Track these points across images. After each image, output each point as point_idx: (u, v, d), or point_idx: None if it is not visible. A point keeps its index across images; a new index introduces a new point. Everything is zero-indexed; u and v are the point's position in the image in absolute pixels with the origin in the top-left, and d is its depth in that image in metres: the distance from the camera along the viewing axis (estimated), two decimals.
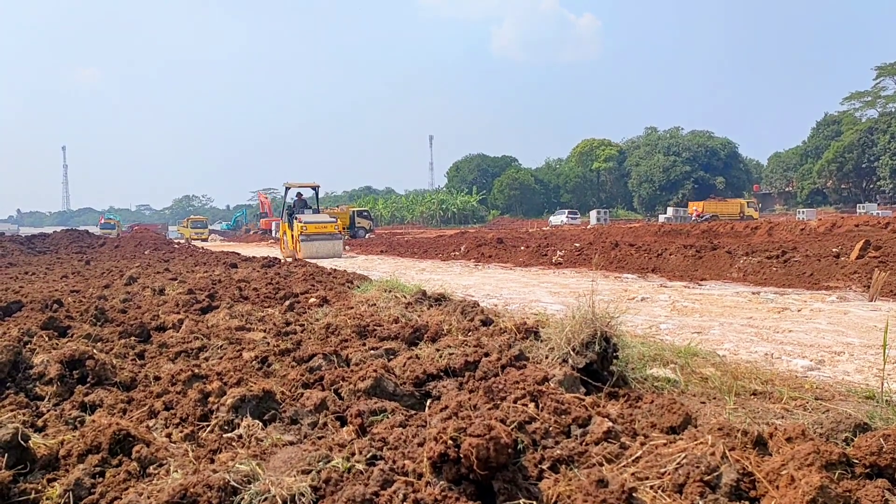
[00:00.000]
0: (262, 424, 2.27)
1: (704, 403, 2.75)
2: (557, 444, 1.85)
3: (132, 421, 2.36)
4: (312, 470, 1.75)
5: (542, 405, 2.07)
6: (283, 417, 2.34)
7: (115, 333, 4.12)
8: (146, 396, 2.74)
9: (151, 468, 1.93)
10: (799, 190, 68.51)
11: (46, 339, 3.80)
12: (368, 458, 1.82)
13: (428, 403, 2.42)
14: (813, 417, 2.32)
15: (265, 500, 1.62)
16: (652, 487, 1.60)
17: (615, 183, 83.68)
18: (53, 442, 2.14)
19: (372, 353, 3.25)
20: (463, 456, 1.61)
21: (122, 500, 1.74)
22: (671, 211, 56.28)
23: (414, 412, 2.35)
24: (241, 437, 2.18)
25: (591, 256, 12.00)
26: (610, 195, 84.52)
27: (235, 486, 1.68)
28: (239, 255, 15.22)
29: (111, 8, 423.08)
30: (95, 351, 3.17)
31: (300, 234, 17.00)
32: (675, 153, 74.19)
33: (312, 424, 2.29)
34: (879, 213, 43.29)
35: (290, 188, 19.18)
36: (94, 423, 2.19)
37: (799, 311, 5.83)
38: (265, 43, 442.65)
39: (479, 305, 4.86)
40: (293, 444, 2.08)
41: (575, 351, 2.80)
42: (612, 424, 1.92)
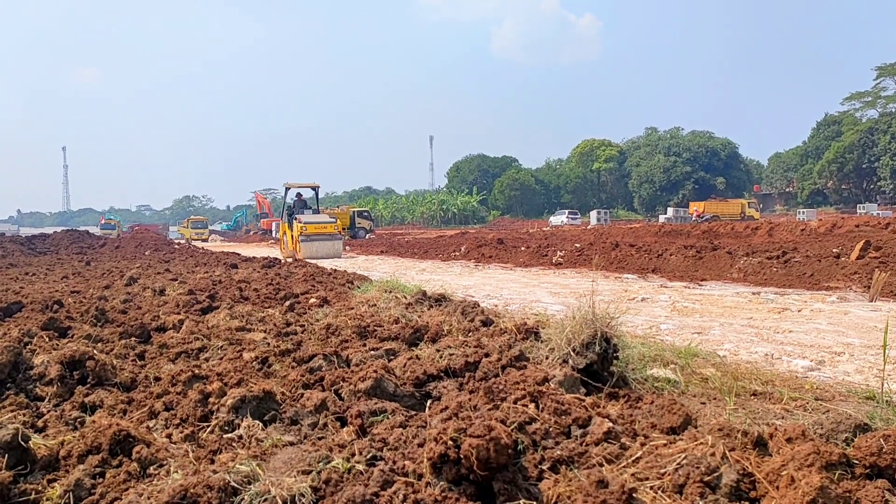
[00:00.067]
0: (262, 425, 2.27)
1: (705, 404, 2.75)
2: (558, 444, 1.85)
3: (132, 421, 2.36)
4: (313, 470, 1.75)
5: (542, 406, 2.07)
6: (283, 418, 2.34)
7: (115, 334, 4.12)
8: (146, 397, 2.74)
9: (152, 469, 1.94)
10: (799, 190, 68.50)
11: (47, 339, 3.80)
12: (368, 458, 1.82)
13: (428, 404, 2.42)
14: (813, 418, 2.32)
15: (265, 500, 1.62)
16: (652, 488, 1.60)
17: (615, 183, 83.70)
18: (54, 442, 2.14)
19: (372, 353, 3.25)
20: (463, 456, 1.61)
21: (122, 500, 1.74)
22: (671, 211, 56.29)
23: (414, 413, 2.35)
24: (241, 437, 2.19)
25: (591, 257, 12.00)
26: (610, 195, 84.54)
27: (236, 486, 1.68)
28: (239, 255, 15.23)
29: (111, 8, 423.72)
30: (96, 351, 3.17)
31: (300, 234, 17.01)
32: (675, 153, 74.23)
33: (313, 425, 2.29)
34: (880, 213, 43.29)
35: (289, 188, 19.20)
36: (94, 423, 2.19)
37: (799, 311, 5.83)
38: (265, 43, 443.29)
39: (479, 306, 4.86)
40: (293, 444, 2.08)
41: (575, 351, 2.80)
42: (612, 425, 1.92)
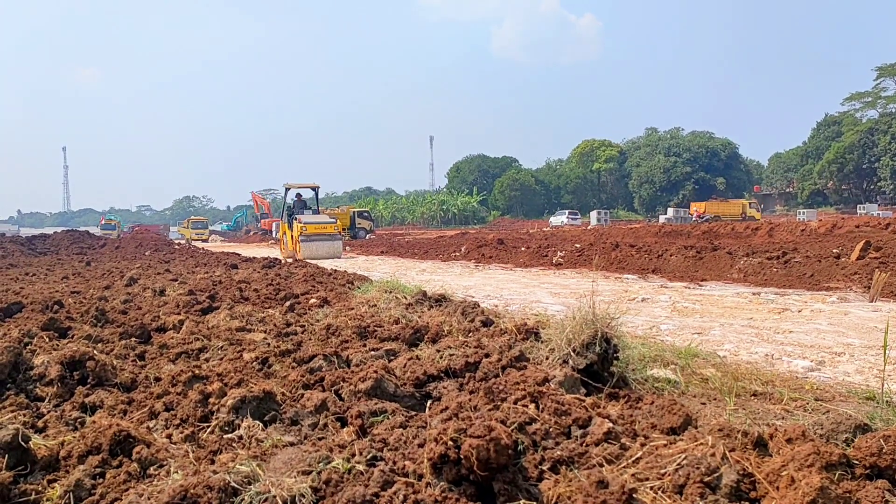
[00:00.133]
0: (262, 425, 2.27)
1: (705, 404, 2.75)
2: (558, 444, 1.85)
3: (133, 422, 2.36)
4: (313, 471, 1.75)
5: (542, 406, 2.07)
6: (283, 418, 2.34)
7: (115, 334, 4.12)
8: (147, 397, 2.74)
9: (152, 469, 1.94)
10: (799, 191, 68.51)
11: (47, 340, 3.80)
12: (369, 458, 1.82)
13: (428, 404, 2.42)
14: (813, 418, 2.32)
15: (265, 500, 1.62)
16: (652, 488, 1.60)
17: (616, 184, 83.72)
18: (54, 443, 2.14)
19: (372, 353, 3.25)
20: (463, 457, 1.61)
21: (122, 501, 1.74)
22: (671, 212, 56.30)
23: (414, 413, 2.35)
24: (241, 437, 2.19)
25: (591, 257, 11.99)
26: (610, 196, 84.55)
27: (236, 486, 1.68)
28: (239, 255, 15.23)
29: (111, 8, 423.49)
30: (96, 352, 3.17)
31: (300, 234, 17.02)
32: (675, 154, 74.27)
33: (313, 425, 2.29)
34: (880, 213, 43.31)
35: (289, 189, 19.22)
36: (94, 424, 2.19)
37: (799, 311, 5.83)
38: (265, 43, 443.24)
39: (479, 306, 4.86)
40: (293, 444, 2.08)
41: (575, 352, 2.80)
42: (612, 425, 1.92)
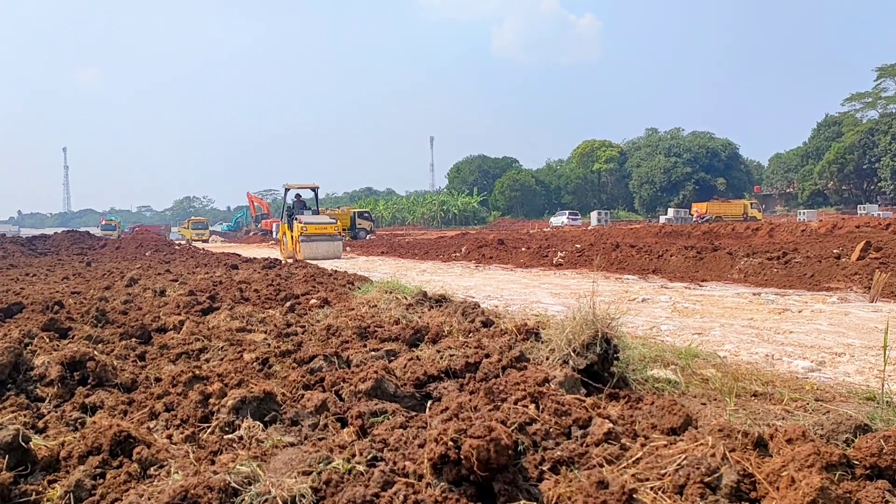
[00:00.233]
0: (262, 426, 2.27)
1: (705, 405, 2.75)
2: (558, 445, 1.85)
3: (133, 422, 2.36)
4: (313, 471, 1.75)
5: (542, 406, 2.07)
6: (283, 419, 2.34)
7: (115, 335, 4.12)
8: (147, 398, 2.74)
9: (152, 469, 1.94)
10: (800, 191, 68.52)
11: (47, 340, 3.80)
12: (369, 459, 1.82)
13: (429, 405, 2.42)
14: (813, 419, 2.32)
15: (266, 501, 1.62)
16: (652, 489, 1.60)
17: (616, 184, 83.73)
18: (54, 443, 2.14)
19: (373, 354, 3.25)
20: (463, 457, 1.61)
21: (122, 501, 1.74)
22: (672, 212, 56.32)
23: (415, 413, 2.35)
24: (241, 438, 2.19)
25: (591, 257, 11.99)
26: (611, 196, 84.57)
27: (236, 487, 1.68)
28: (240, 256, 15.24)
29: (111, 8, 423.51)
30: (96, 352, 3.18)
31: (300, 234, 17.03)
32: (675, 154, 74.28)
33: (313, 426, 2.29)
34: (880, 214, 43.34)
35: (289, 189, 19.24)
36: (94, 424, 2.19)
37: (800, 312, 5.82)
38: (265, 43, 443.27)
39: (479, 307, 4.85)
40: (294, 445, 2.08)
41: (576, 352, 2.80)
42: (612, 426, 1.92)
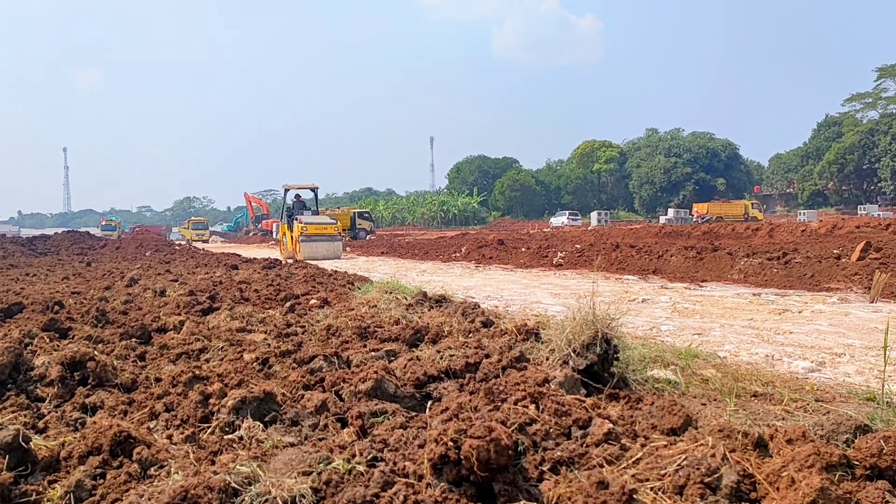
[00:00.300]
0: (262, 426, 2.27)
1: (705, 405, 2.75)
2: (558, 445, 1.85)
3: (133, 422, 2.36)
4: (313, 471, 1.75)
5: (542, 407, 2.07)
6: (283, 419, 2.34)
7: (115, 335, 4.12)
8: (147, 398, 2.74)
9: (152, 470, 1.94)
10: (800, 191, 68.53)
11: (47, 340, 3.80)
12: (369, 459, 1.82)
13: (429, 405, 2.42)
14: (813, 419, 2.32)
15: (266, 501, 1.62)
16: (652, 489, 1.60)
17: (616, 184, 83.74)
18: (54, 443, 2.14)
19: (373, 354, 3.25)
20: (463, 457, 1.61)
21: (122, 501, 1.74)
22: (672, 212, 56.35)
23: (415, 414, 2.35)
24: (241, 438, 2.19)
25: (591, 258, 11.99)
26: (611, 197, 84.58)
27: (236, 487, 1.68)
28: (240, 256, 15.25)
29: (111, 8, 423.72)
30: (96, 352, 3.18)
31: (300, 234, 17.03)
32: (675, 154, 74.28)
33: (313, 426, 2.29)
34: (880, 214, 43.36)
35: (289, 190, 19.26)
36: (94, 424, 2.19)
37: (800, 312, 5.82)
38: (266, 43, 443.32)
39: (479, 307, 4.86)
40: (294, 445, 2.08)
41: (576, 352, 2.80)
42: (612, 426, 1.92)
